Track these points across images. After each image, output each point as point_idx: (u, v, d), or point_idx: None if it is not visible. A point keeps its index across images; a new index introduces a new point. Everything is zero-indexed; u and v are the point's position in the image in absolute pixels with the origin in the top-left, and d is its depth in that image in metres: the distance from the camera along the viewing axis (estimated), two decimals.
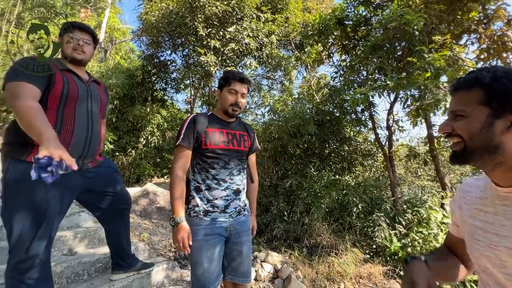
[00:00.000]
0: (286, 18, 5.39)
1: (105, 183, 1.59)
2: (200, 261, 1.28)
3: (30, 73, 1.22)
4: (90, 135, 1.42)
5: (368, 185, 3.72)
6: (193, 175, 1.38)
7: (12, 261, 1.22)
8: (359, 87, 3.36)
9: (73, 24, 1.43)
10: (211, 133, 1.35)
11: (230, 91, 1.38)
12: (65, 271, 1.89)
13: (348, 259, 2.93)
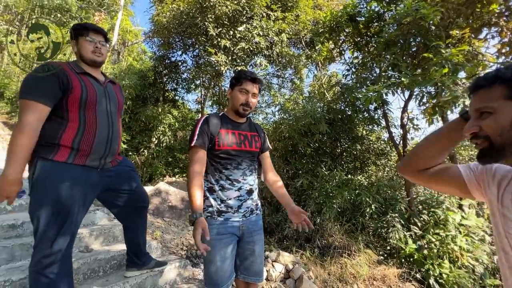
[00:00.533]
0: (296, 16, 5.33)
1: (124, 181, 1.62)
2: (213, 259, 1.29)
3: (40, 86, 1.25)
4: (111, 135, 1.45)
5: (382, 185, 3.63)
6: (206, 176, 1.38)
7: (36, 256, 1.27)
8: (372, 84, 3.28)
9: (88, 27, 1.45)
10: (224, 134, 1.35)
11: (241, 91, 1.38)
12: (82, 267, 1.94)
13: (361, 260, 2.87)
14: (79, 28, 1.43)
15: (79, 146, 1.33)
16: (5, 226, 2.07)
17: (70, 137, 1.32)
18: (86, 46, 1.43)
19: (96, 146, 1.38)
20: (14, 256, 1.87)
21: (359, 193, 3.46)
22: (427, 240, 2.92)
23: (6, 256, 1.83)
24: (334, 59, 4.91)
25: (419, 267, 2.84)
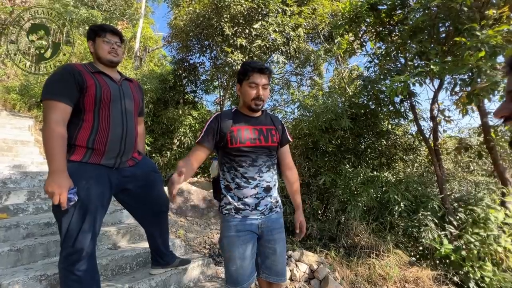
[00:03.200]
0: (313, 10, 5.19)
1: (142, 184, 1.60)
2: (233, 257, 1.27)
3: (61, 87, 1.30)
4: (125, 133, 1.46)
5: (411, 181, 3.41)
6: (223, 174, 1.36)
7: (62, 253, 1.33)
8: (398, 75, 3.09)
9: (105, 28, 1.48)
10: (236, 131, 1.30)
11: (250, 85, 1.30)
12: (110, 264, 2.01)
13: (391, 261, 2.71)
14: (97, 30, 1.47)
15: (94, 145, 1.36)
16: (41, 224, 2.21)
17: (84, 136, 1.35)
18: (103, 46, 1.46)
19: (110, 144, 1.40)
20: (50, 252, 1.98)
21: (386, 190, 3.27)
22: (465, 241, 2.69)
23: (42, 252, 1.95)
24: (355, 51, 4.71)
25: (457, 269, 2.62)
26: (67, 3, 10.21)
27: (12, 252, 1.79)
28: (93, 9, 10.96)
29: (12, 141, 4.28)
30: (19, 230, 2.08)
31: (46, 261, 1.91)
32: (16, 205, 2.53)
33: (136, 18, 11.47)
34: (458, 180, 3.91)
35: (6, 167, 3.30)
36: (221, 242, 1.33)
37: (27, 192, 2.78)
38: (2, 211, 2.41)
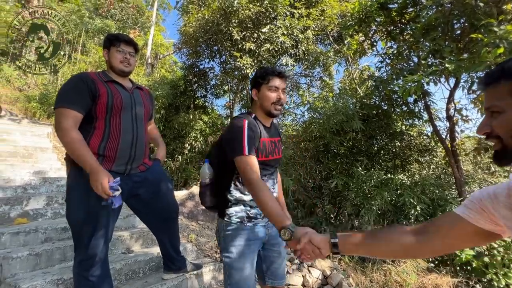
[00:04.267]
0: (321, 11, 5.16)
1: (152, 190, 1.61)
2: (243, 266, 1.23)
3: (74, 95, 1.34)
4: (136, 140, 1.49)
5: (427, 184, 3.29)
6: (235, 185, 1.29)
7: (76, 259, 1.36)
8: (411, 74, 3.00)
9: (119, 38, 1.52)
10: (262, 143, 1.26)
11: (270, 89, 1.26)
12: (124, 268, 2.04)
13: (407, 267, 2.61)
14: (112, 39, 1.51)
15: (105, 152, 1.39)
16: (58, 228, 2.28)
17: (96, 143, 1.38)
18: (116, 56, 1.49)
19: (120, 152, 1.43)
20: (66, 257, 2.04)
21: (401, 193, 3.17)
22: (487, 246, 2.55)
23: (59, 256, 2.00)
24: (365, 51, 4.63)
25: (479, 276, 2.49)
26: (83, 14, 10.62)
27: (31, 257, 1.85)
28: (107, 19, 11.36)
29: (32, 148, 4.46)
30: (38, 234, 2.16)
31: (63, 265, 1.97)
32: (35, 210, 2.63)
33: (147, 26, 11.79)
34: (478, 182, 3.74)
35: (26, 173, 3.44)
36: (230, 252, 1.25)
37: (45, 198, 2.88)
38: (23, 216, 2.51)
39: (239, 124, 1.21)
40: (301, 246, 0.87)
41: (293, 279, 2.50)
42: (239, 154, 1.15)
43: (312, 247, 0.86)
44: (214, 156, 1.34)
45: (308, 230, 0.91)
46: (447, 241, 0.69)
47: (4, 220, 2.42)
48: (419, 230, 0.72)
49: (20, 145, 4.41)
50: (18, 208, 2.66)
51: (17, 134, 4.86)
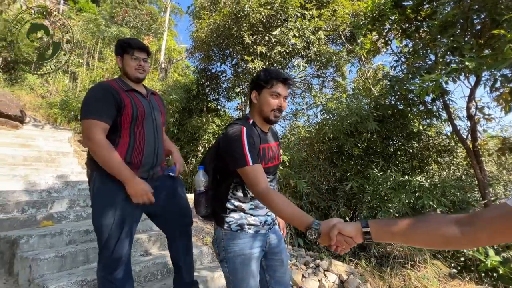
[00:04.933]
0: (333, 11, 5.10)
1: (168, 194, 1.61)
2: (247, 276, 1.18)
3: (101, 106, 1.37)
4: (157, 146, 1.54)
5: (448, 186, 3.18)
6: (233, 193, 1.23)
7: (101, 262, 1.41)
8: (428, 73, 2.92)
9: (132, 45, 1.51)
10: (262, 150, 1.21)
11: (272, 94, 1.20)
12: (143, 270, 2.10)
13: (428, 273, 2.52)
14: (125, 46, 1.51)
15: (131, 160, 1.43)
16: (81, 231, 2.37)
17: (123, 153, 1.41)
18: (131, 63, 1.50)
19: (145, 158, 1.47)
20: (89, 258, 2.12)
21: (420, 196, 3.07)
22: None
23: (82, 258, 2.09)
24: (379, 50, 4.54)
25: (506, 284, 2.37)
26: (100, 23, 11.03)
27: (57, 258, 1.94)
28: (122, 27, 11.74)
29: (54, 153, 4.67)
30: (63, 237, 2.25)
31: (86, 267, 2.05)
32: (59, 213, 2.75)
33: (160, 31, 12.09)
34: (503, 183, 3.57)
35: (50, 177, 3.60)
36: (232, 262, 1.18)
37: (68, 201, 3.01)
38: (48, 219, 2.63)
39: (237, 133, 1.14)
40: (334, 242, 0.84)
41: (309, 283, 2.48)
42: (243, 166, 1.10)
43: (344, 238, 0.83)
44: (209, 162, 1.27)
45: (335, 222, 0.87)
46: (495, 234, 0.65)
47: (31, 222, 2.55)
48: (463, 221, 0.69)
49: (44, 150, 4.62)
50: (44, 211, 2.79)
51: (40, 139, 5.10)
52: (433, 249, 2.54)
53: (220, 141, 1.24)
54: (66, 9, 12.52)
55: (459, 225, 0.68)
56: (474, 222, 0.67)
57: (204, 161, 1.32)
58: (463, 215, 0.71)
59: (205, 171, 1.28)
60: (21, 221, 2.51)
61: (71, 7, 13.01)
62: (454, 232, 0.68)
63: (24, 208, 2.71)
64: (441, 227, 0.71)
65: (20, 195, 2.94)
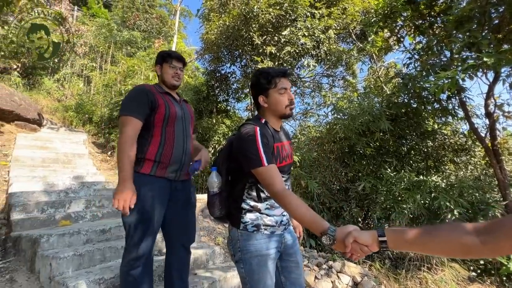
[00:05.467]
0: (343, 10, 5.04)
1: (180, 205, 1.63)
2: (263, 278, 1.16)
3: (135, 105, 1.48)
4: (186, 148, 1.60)
5: (465, 186, 3.07)
6: (248, 193, 1.23)
7: (126, 258, 1.46)
8: (443, 70, 2.84)
9: (171, 55, 1.65)
10: (276, 149, 1.21)
11: (280, 92, 1.21)
12: (157, 269, 2.13)
13: (446, 276, 2.45)
14: (165, 56, 1.65)
15: (161, 159, 1.50)
16: (97, 231, 2.43)
17: (154, 150, 1.50)
18: (169, 71, 1.63)
19: (174, 158, 1.54)
20: (106, 257, 2.17)
21: (436, 196, 2.98)
22: None
23: (99, 257, 2.14)
24: (391, 48, 4.45)
25: None
26: (112, 28, 11.32)
27: (75, 257, 2.00)
28: (134, 31, 12.00)
29: (71, 155, 4.82)
30: (80, 236, 2.32)
31: (102, 265, 2.10)
32: (76, 213, 2.84)
33: (170, 34, 12.28)
34: None
35: (67, 178, 3.72)
36: (248, 263, 1.17)
37: (85, 201, 3.10)
38: (66, 219, 2.72)
39: (250, 133, 1.14)
40: (349, 249, 0.84)
41: (322, 285, 2.45)
42: (258, 166, 1.09)
43: (359, 246, 0.82)
44: (222, 163, 1.27)
45: (350, 229, 0.86)
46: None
47: (50, 222, 2.64)
48: (483, 230, 0.67)
49: (61, 152, 4.78)
50: (62, 211, 2.89)
51: (57, 141, 5.28)
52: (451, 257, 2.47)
53: (233, 141, 1.24)
54: (80, 15, 12.91)
55: (479, 234, 0.66)
56: (496, 230, 0.65)
57: (216, 162, 1.32)
58: (482, 223, 0.70)
59: (218, 172, 1.28)
60: (41, 221, 2.60)
61: (85, 13, 13.42)
62: (474, 241, 0.66)
63: (44, 208, 2.81)
64: (461, 236, 0.69)
65: (40, 196, 3.05)
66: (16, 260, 2.22)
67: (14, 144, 4.63)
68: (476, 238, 0.66)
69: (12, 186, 3.15)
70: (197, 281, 2.09)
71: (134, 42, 11.42)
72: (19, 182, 3.24)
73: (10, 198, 2.85)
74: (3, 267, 2.11)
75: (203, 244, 2.77)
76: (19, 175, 3.47)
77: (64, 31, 9.73)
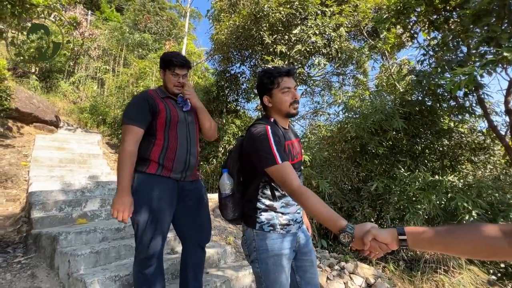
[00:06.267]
0: (354, 7, 4.96)
1: (195, 201, 1.64)
2: (279, 277, 1.16)
3: (136, 112, 1.51)
4: (190, 150, 1.60)
5: (484, 186, 2.96)
6: (263, 193, 1.22)
7: (137, 257, 1.49)
8: (460, 66, 2.74)
9: (173, 62, 1.59)
10: (287, 146, 1.22)
11: (283, 91, 1.22)
12: (170, 268, 2.17)
13: (464, 279, 2.37)
14: (168, 63, 1.61)
15: (164, 162, 1.52)
16: (113, 229, 2.50)
17: (157, 153, 1.52)
18: (171, 79, 1.61)
19: (177, 161, 1.55)
20: (120, 255, 2.23)
21: (453, 197, 2.89)
22: None
23: (115, 254, 2.20)
24: (404, 45, 4.34)
25: None
26: (124, 31, 11.58)
27: (92, 254, 2.06)
28: (145, 33, 12.23)
29: (86, 155, 4.97)
30: (96, 234, 2.39)
31: (118, 263, 2.15)
32: (92, 212, 2.93)
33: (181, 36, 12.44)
34: None
35: (83, 178, 3.84)
36: (264, 262, 1.17)
37: (100, 200, 3.19)
38: (82, 217, 2.81)
39: (262, 132, 1.15)
40: (367, 247, 0.83)
41: (334, 286, 2.43)
42: (272, 164, 1.09)
43: (378, 244, 0.81)
44: (233, 165, 1.28)
45: (369, 227, 0.84)
46: None
47: (68, 220, 2.73)
48: (511, 232, 0.65)
49: (77, 153, 4.93)
50: (78, 209, 2.98)
51: (73, 142, 5.45)
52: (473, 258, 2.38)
53: (244, 142, 1.25)
54: (94, 19, 13.28)
55: (506, 236, 0.64)
56: None
57: (227, 164, 1.33)
58: (509, 225, 0.67)
59: (229, 174, 1.28)
60: (59, 219, 2.70)
61: (98, 17, 13.78)
62: (501, 243, 0.64)
63: (61, 207, 2.91)
64: (486, 237, 0.67)
65: (58, 195, 3.16)
66: (37, 257, 2.31)
67: (33, 145, 4.82)
68: (503, 240, 0.64)
69: (32, 185, 3.28)
70: (209, 280, 2.11)
71: (145, 44, 11.64)
72: (38, 181, 3.37)
73: (30, 197, 2.97)
74: (25, 263, 2.20)
75: (214, 244, 2.80)
76: (38, 175, 3.61)
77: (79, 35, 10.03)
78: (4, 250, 2.42)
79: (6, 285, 1.90)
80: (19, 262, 2.21)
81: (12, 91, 5.19)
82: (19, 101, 5.44)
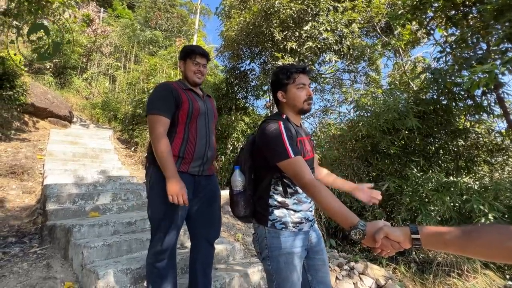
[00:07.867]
0: (368, 2, 4.85)
1: (209, 198, 1.65)
2: (291, 276, 1.16)
3: (162, 103, 1.50)
4: (208, 144, 1.61)
5: (502, 188, 2.85)
6: (275, 189, 1.22)
7: (151, 250, 1.51)
8: (480, 64, 2.64)
9: (195, 51, 1.62)
10: (299, 142, 1.22)
11: (298, 87, 1.24)
12: (180, 262, 2.19)
13: (479, 283, 2.30)
14: (189, 51, 1.63)
15: (184, 154, 1.53)
16: (124, 223, 2.54)
17: (177, 146, 1.52)
18: (192, 68, 1.61)
19: (196, 154, 1.55)
20: (132, 248, 2.26)
21: (468, 199, 2.80)
22: None
23: (126, 248, 2.24)
24: (420, 41, 4.22)
25: None
26: (135, 28, 11.72)
27: (104, 247, 2.10)
28: (156, 30, 12.34)
29: (98, 150, 5.07)
30: (108, 227, 2.44)
31: (129, 256, 2.19)
32: (104, 205, 2.98)
33: (191, 33, 12.49)
34: None
35: (95, 172, 3.92)
36: (276, 260, 1.17)
37: (111, 194, 3.25)
38: (95, 210, 2.86)
39: (274, 127, 1.16)
40: (379, 245, 0.81)
41: (343, 286, 2.40)
42: (285, 158, 1.09)
43: (390, 242, 0.79)
44: (244, 161, 1.28)
45: (381, 225, 0.82)
46: None
47: (81, 213, 2.79)
48: None
49: (89, 147, 5.04)
50: (91, 203, 3.05)
51: (86, 137, 5.57)
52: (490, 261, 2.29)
53: (256, 137, 1.25)
54: (106, 17, 13.48)
55: None
56: None
57: (238, 160, 1.33)
58: None
59: (241, 170, 1.28)
60: (73, 211, 2.76)
61: (110, 14, 13.98)
62: None
63: (75, 200, 2.98)
64: (506, 241, 0.63)
65: (71, 188, 3.24)
66: (52, 247, 2.38)
67: (48, 139, 4.95)
68: None
69: (47, 178, 3.37)
70: (219, 276, 2.12)
71: (156, 42, 11.74)
72: (53, 175, 3.46)
73: (45, 190, 3.06)
74: (41, 254, 2.27)
75: (223, 240, 2.81)
76: (52, 168, 3.71)
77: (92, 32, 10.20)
78: (21, 240, 2.50)
79: (23, 274, 1.97)
80: (35, 252, 2.28)
81: (28, 86, 5.34)
82: (35, 96, 5.59)
